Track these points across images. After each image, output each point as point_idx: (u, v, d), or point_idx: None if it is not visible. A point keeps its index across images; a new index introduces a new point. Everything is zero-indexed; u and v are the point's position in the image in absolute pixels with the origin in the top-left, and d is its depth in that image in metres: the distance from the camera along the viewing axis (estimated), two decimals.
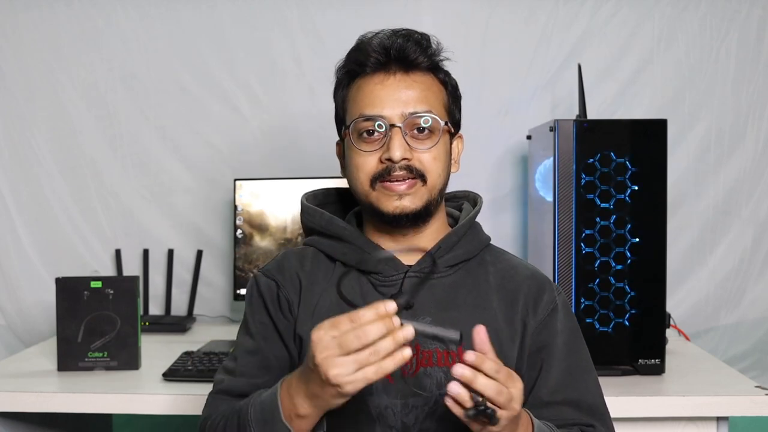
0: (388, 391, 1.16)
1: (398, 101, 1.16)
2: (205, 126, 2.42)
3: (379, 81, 1.17)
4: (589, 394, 1.23)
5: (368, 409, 1.16)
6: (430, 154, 1.17)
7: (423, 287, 1.19)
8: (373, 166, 1.17)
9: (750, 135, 2.40)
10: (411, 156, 1.16)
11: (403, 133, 1.16)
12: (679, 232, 2.36)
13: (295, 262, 1.26)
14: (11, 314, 2.43)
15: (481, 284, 1.22)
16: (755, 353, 2.41)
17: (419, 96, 1.17)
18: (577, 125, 1.77)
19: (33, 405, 1.67)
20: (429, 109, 1.17)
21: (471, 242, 1.25)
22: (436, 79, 1.21)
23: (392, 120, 1.16)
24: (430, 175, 1.18)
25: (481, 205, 1.31)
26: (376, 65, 1.18)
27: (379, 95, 1.17)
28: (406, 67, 1.18)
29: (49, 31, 2.41)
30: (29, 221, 2.43)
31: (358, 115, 1.18)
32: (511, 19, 2.38)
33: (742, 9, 2.38)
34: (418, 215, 1.19)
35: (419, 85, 1.18)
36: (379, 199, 1.17)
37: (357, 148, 1.18)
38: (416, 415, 1.16)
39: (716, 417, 1.63)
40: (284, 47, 2.40)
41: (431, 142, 1.18)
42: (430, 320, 1.18)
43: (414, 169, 1.16)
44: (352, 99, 1.20)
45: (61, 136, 2.43)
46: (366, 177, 1.17)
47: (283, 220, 2.21)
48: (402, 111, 1.16)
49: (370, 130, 1.17)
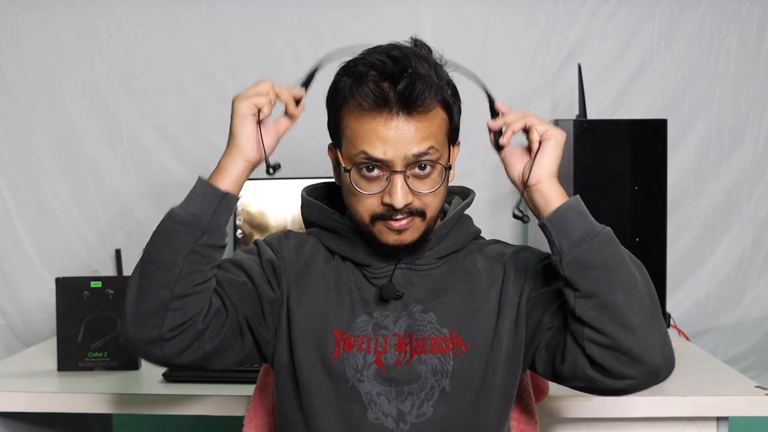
0: (380, 378, 1.17)
1: (401, 143, 1.12)
2: (205, 126, 2.41)
3: (382, 122, 1.12)
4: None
5: (360, 397, 1.17)
6: (431, 194, 1.17)
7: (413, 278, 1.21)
8: (374, 207, 1.16)
9: (750, 135, 2.40)
10: (412, 200, 1.15)
11: (405, 177, 1.14)
12: (679, 232, 2.36)
13: (296, 245, 1.27)
14: (11, 314, 2.43)
15: (471, 271, 1.23)
16: (755, 353, 2.41)
17: (422, 136, 1.13)
18: (577, 125, 1.77)
19: (33, 405, 1.67)
20: (432, 145, 1.14)
21: (460, 234, 1.26)
22: (440, 106, 1.16)
23: (395, 165, 1.13)
24: (429, 210, 1.18)
25: (472, 198, 1.31)
26: (377, 104, 1.12)
27: (381, 137, 1.12)
28: (410, 109, 1.12)
29: (49, 31, 2.41)
30: (29, 221, 2.43)
31: (359, 151, 1.14)
32: (511, 20, 2.38)
33: (742, 9, 2.38)
34: (416, 244, 1.19)
35: (423, 124, 1.13)
36: (379, 232, 1.17)
37: (358, 190, 1.16)
38: (412, 401, 1.16)
39: (716, 417, 1.63)
40: (284, 47, 2.40)
41: (432, 182, 1.16)
42: (421, 308, 1.19)
43: (414, 210, 1.16)
44: (351, 128, 1.16)
45: (61, 136, 2.43)
46: (366, 214, 1.17)
47: (283, 220, 2.21)
48: (405, 153, 1.12)
49: (370, 167, 1.14)
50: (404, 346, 1.18)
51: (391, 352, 1.18)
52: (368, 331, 1.19)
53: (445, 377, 1.17)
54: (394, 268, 1.21)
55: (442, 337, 1.18)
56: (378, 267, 1.21)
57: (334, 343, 1.18)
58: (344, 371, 1.17)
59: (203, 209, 1.12)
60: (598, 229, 1.12)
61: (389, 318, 1.19)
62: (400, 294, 1.20)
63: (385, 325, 1.19)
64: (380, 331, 1.19)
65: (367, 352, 1.18)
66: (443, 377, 1.17)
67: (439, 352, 1.18)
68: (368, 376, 1.17)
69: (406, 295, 1.20)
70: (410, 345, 1.18)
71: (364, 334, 1.18)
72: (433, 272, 1.23)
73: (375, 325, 1.19)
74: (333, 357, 1.18)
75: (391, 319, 1.19)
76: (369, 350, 1.18)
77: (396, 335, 1.18)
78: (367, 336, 1.18)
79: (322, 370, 1.18)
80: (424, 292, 1.21)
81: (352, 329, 1.19)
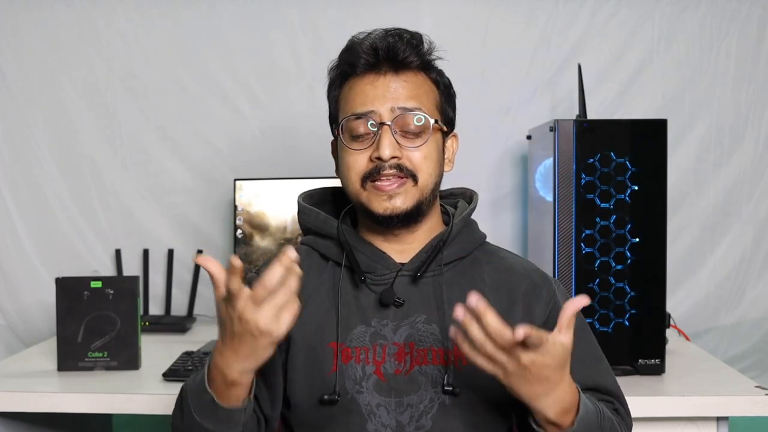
0: (381, 389, 1.16)
1: (388, 98, 1.17)
2: (205, 126, 2.41)
3: (369, 81, 1.18)
4: (604, 380, 1.23)
5: (359, 408, 1.16)
6: (420, 152, 1.17)
7: (415, 285, 1.20)
8: (363, 165, 1.17)
9: (750, 135, 2.40)
10: (401, 154, 1.16)
11: (393, 132, 1.16)
12: (679, 232, 2.36)
13: None
14: (11, 314, 2.43)
15: (476, 282, 1.22)
16: (755, 353, 2.41)
17: (409, 93, 1.18)
18: (577, 125, 1.77)
19: (33, 405, 1.67)
20: (419, 106, 1.18)
21: (465, 240, 1.25)
22: (428, 77, 1.22)
23: (382, 117, 1.16)
24: (421, 174, 1.17)
25: (476, 202, 1.31)
26: (366, 66, 1.18)
27: (369, 94, 1.17)
28: (397, 67, 1.18)
29: (49, 31, 2.41)
30: (29, 221, 2.43)
31: (349, 113, 1.18)
32: (511, 19, 2.38)
33: (742, 9, 2.38)
34: (409, 215, 1.18)
35: (409, 83, 1.18)
36: (369, 199, 1.17)
37: (347, 147, 1.18)
38: (411, 413, 1.16)
39: (716, 417, 1.62)
40: (284, 47, 2.40)
41: (421, 140, 1.18)
42: (424, 318, 1.18)
43: (404, 167, 1.16)
44: (344, 98, 1.21)
45: (61, 136, 2.43)
46: (357, 176, 1.18)
47: (283, 220, 2.21)
48: (391, 106, 1.16)
49: (361, 131, 1.17)
50: (404, 355, 1.17)
51: (390, 361, 1.17)
52: (365, 341, 1.18)
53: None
54: (395, 275, 1.20)
55: (444, 350, 1.17)
56: (380, 273, 1.20)
57: (332, 355, 1.17)
58: (343, 383, 1.16)
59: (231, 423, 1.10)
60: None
61: (388, 327, 1.18)
62: (401, 301, 1.18)
63: (383, 334, 1.18)
64: (378, 340, 1.18)
65: (365, 363, 1.17)
66: (443, 389, 1.16)
67: (440, 363, 1.17)
68: (368, 387, 1.16)
69: (407, 303, 1.19)
70: (410, 355, 1.17)
71: (361, 345, 1.17)
72: (437, 279, 1.21)
73: (373, 335, 1.18)
74: (331, 370, 1.17)
75: (390, 327, 1.18)
76: (368, 361, 1.17)
77: (396, 344, 1.17)
78: (365, 346, 1.17)
79: (320, 384, 1.17)
80: (427, 301, 1.19)
81: (350, 340, 1.18)
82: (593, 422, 1.09)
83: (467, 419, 1.17)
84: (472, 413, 1.17)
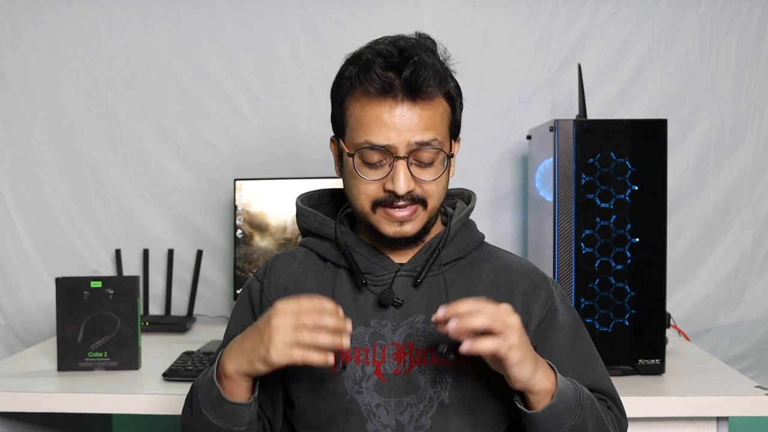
0: (381, 389, 1.17)
1: (404, 130, 1.12)
2: (205, 126, 2.42)
3: (386, 108, 1.12)
4: (599, 380, 1.24)
5: (359, 409, 1.16)
6: (433, 183, 1.16)
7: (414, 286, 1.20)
8: (376, 193, 1.15)
9: (750, 135, 2.40)
10: (414, 187, 1.15)
11: (408, 164, 1.13)
12: (679, 232, 2.37)
13: (283, 265, 1.27)
14: (11, 314, 2.43)
15: (474, 283, 1.22)
16: (755, 353, 2.41)
17: (426, 124, 1.14)
18: (577, 125, 1.77)
19: (33, 405, 1.67)
20: (435, 137, 1.14)
21: (464, 240, 1.25)
22: (443, 97, 1.17)
23: (398, 151, 1.13)
24: (431, 200, 1.17)
25: (474, 202, 1.30)
26: (381, 90, 1.12)
27: (386, 123, 1.12)
28: (415, 96, 1.12)
29: (49, 31, 2.41)
30: (29, 221, 2.43)
31: (363, 140, 1.14)
32: (511, 19, 2.38)
33: (742, 9, 2.38)
34: (417, 236, 1.19)
35: (427, 112, 1.14)
36: (379, 221, 1.17)
37: (360, 176, 1.15)
38: (411, 413, 1.16)
39: (716, 417, 1.63)
40: (284, 47, 2.40)
41: (435, 171, 1.16)
42: (423, 319, 1.18)
43: (416, 197, 1.16)
44: (355, 117, 1.16)
45: (61, 136, 2.43)
46: (367, 201, 1.16)
47: (283, 220, 2.21)
48: (408, 140, 1.12)
49: (374, 156, 1.14)
50: (403, 355, 1.17)
51: (389, 361, 1.17)
52: (365, 342, 1.18)
53: (444, 389, 1.17)
54: (394, 275, 1.20)
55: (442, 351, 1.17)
56: (379, 274, 1.21)
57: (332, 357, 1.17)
58: (343, 384, 1.17)
59: (236, 420, 1.14)
60: None
61: (387, 327, 1.18)
62: (399, 302, 1.19)
63: (383, 334, 1.18)
64: (378, 340, 1.18)
65: (365, 363, 1.17)
66: (442, 389, 1.16)
67: (439, 363, 1.17)
68: (367, 387, 1.17)
69: (406, 303, 1.19)
70: (410, 355, 1.17)
71: (361, 345, 1.18)
72: (435, 279, 1.21)
73: (372, 335, 1.18)
74: (332, 371, 1.17)
75: (390, 328, 1.18)
76: (368, 361, 1.17)
77: (395, 344, 1.18)
78: (365, 347, 1.18)
79: (321, 384, 1.18)
80: (426, 301, 1.20)
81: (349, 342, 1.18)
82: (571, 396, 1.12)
83: (466, 419, 1.17)
84: (471, 413, 1.17)
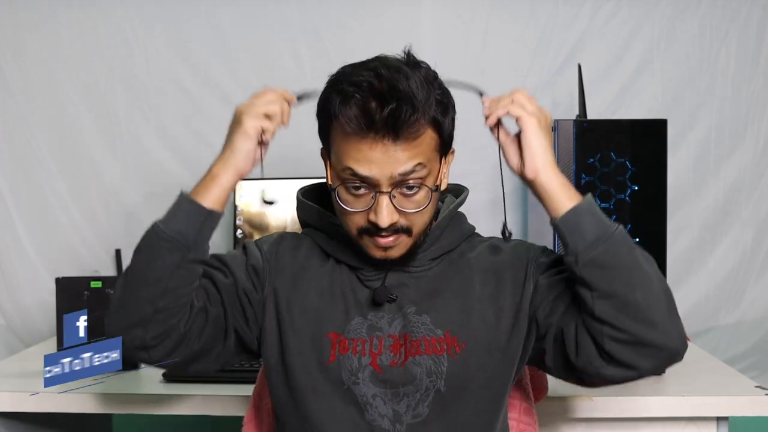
0: (376, 380, 1.17)
1: (387, 165, 1.11)
2: (205, 126, 2.41)
3: (367, 144, 1.10)
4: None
5: (356, 399, 1.17)
6: (417, 213, 1.15)
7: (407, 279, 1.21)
8: (361, 223, 1.16)
9: (750, 135, 2.40)
10: (397, 219, 1.14)
11: (391, 197, 1.13)
12: (679, 232, 2.37)
13: (290, 248, 1.27)
14: (11, 314, 2.43)
15: (463, 270, 1.23)
16: (755, 353, 2.42)
17: (409, 155, 1.11)
18: (577, 125, 1.77)
19: (33, 405, 1.67)
20: (420, 162, 1.12)
21: (453, 234, 1.26)
22: (431, 129, 1.14)
23: (380, 185, 1.12)
24: (416, 228, 1.17)
25: (465, 196, 1.30)
26: (364, 128, 1.10)
27: (366, 157, 1.11)
28: (398, 133, 1.10)
29: (49, 31, 2.41)
30: (29, 221, 2.43)
31: (345, 166, 1.13)
32: (511, 19, 2.38)
33: (742, 9, 2.38)
34: (403, 258, 1.20)
35: (410, 144, 1.11)
36: (366, 246, 1.18)
37: (343, 206, 1.15)
38: (408, 403, 1.17)
39: (716, 417, 1.62)
40: (284, 47, 2.40)
41: (418, 201, 1.15)
42: (415, 310, 1.19)
43: (400, 227, 1.15)
44: (338, 144, 1.15)
45: (61, 136, 2.43)
46: (354, 227, 1.17)
47: (283, 220, 2.21)
48: (391, 173, 1.11)
49: (357, 185, 1.13)
50: (399, 347, 1.18)
51: (386, 353, 1.18)
52: (363, 333, 1.19)
53: (440, 378, 1.17)
54: (386, 271, 1.21)
55: (436, 338, 1.18)
56: (371, 270, 1.21)
57: (330, 345, 1.18)
58: (340, 374, 1.17)
59: (188, 227, 1.14)
60: (612, 229, 1.12)
61: (384, 319, 1.19)
62: (393, 297, 1.20)
63: (380, 326, 1.19)
64: (375, 332, 1.19)
65: (362, 354, 1.18)
66: (438, 378, 1.17)
67: (434, 353, 1.18)
68: (363, 378, 1.17)
69: (400, 296, 1.20)
70: (405, 346, 1.18)
71: (358, 336, 1.18)
72: (426, 273, 1.22)
73: (369, 327, 1.19)
74: (329, 360, 1.18)
75: (386, 320, 1.19)
76: (364, 352, 1.18)
77: (391, 336, 1.19)
78: (362, 338, 1.18)
79: (318, 374, 1.18)
80: (418, 293, 1.21)
81: (347, 332, 1.19)
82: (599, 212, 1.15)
83: (464, 406, 1.18)
84: (468, 400, 1.18)
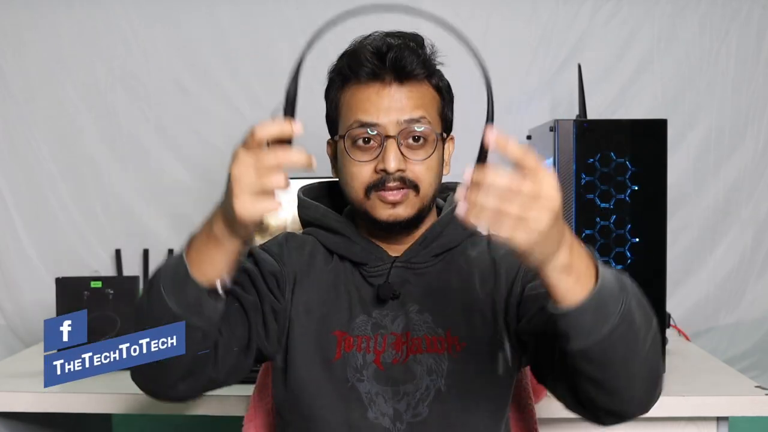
0: (379, 378, 1.17)
1: (393, 110, 1.16)
2: (205, 126, 2.42)
3: (374, 90, 1.17)
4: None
5: (360, 396, 1.17)
6: (424, 165, 1.18)
7: (410, 277, 1.21)
8: (368, 176, 1.17)
9: (750, 135, 2.40)
10: (405, 167, 1.17)
11: (398, 143, 1.16)
12: (679, 232, 2.37)
13: (296, 248, 1.27)
14: (11, 314, 2.43)
15: (465, 268, 1.23)
16: (755, 353, 2.42)
17: (414, 104, 1.18)
18: (577, 125, 1.77)
19: (33, 405, 1.67)
20: (423, 115, 1.18)
21: (455, 230, 1.26)
22: (431, 85, 1.21)
23: (387, 130, 1.16)
24: (423, 184, 1.18)
25: None
26: (370, 75, 1.18)
27: (374, 103, 1.17)
28: (401, 77, 1.18)
29: (49, 31, 2.41)
30: (29, 221, 2.44)
31: (353, 121, 1.18)
32: (511, 19, 2.39)
33: (742, 9, 2.38)
34: (410, 222, 1.20)
35: (414, 93, 1.18)
36: (373, 207, 1.18)
37: (351, 158, 1.18)
38: (408, 401, 1.17)
39: (716, 417, 1.63)
40: (284, 47, 2.40)
41: (425, 152, 1.18)
42: (417, 308, 1.20)
43: (407, 180, 1.17)
44: (346, 104, 1.20)
45: (61, 136, 2.43)
46: (361, 186, 1.18)
47: (283, 219, 2.21)
48: (397, 119, 1.16)
49: (365, 138, 1.17)
50: (401, 345, 1.19)
51: (389, 351, 1.18)
52: (367, 330, 1.19)
53: (441, 377, 1.17)
54: (390, 267, 1.21)
55: (437, 337, 1.19)
56: (374, 265, 1.22)
57: (335, 343, 1.19)
58: (345, 371, 1.18)
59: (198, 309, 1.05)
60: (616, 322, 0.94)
61: (387, 317, 1.20)
62: (397, 294, 1.20)
63: (384, 324, 1.19)
64: (379, 330, 1.19)
65: (366, 352, 1.18)
66: (438, 377, 1.17)
67: (434, 352, 1.18)
68: (368, 375, 1.18)
69: (402, 294, 1.20)
70: (407, 344, 1.18)
71: (363, 333, 1.19)
72: (429, 270, 1.23)
73: (374, 325, 1.19)
74: (335, 357, 1.18)
75: (389, 318, 1.20)
76: (368, 349, 1.18)
77: (394, 334, 1.19)
78: (366, 335, 1.19)
79: (322, 371, 1.18)
80: (420, 291, 1.21)
81: (352, 329, 1.19)
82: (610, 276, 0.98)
83: (464, 406, 1.18)
84: (469, 400, 1.18)
